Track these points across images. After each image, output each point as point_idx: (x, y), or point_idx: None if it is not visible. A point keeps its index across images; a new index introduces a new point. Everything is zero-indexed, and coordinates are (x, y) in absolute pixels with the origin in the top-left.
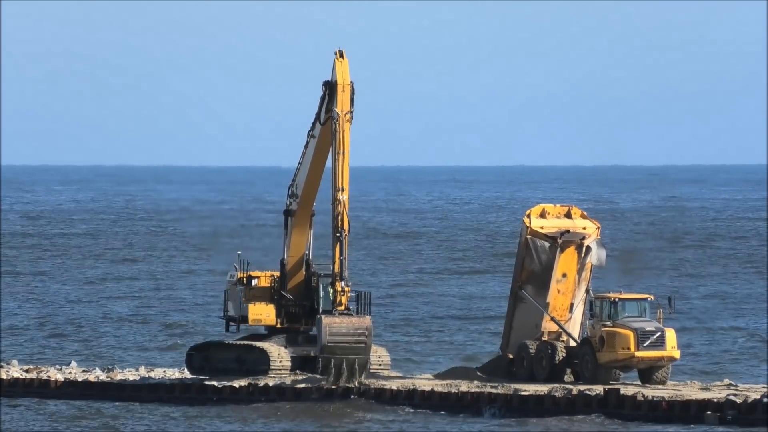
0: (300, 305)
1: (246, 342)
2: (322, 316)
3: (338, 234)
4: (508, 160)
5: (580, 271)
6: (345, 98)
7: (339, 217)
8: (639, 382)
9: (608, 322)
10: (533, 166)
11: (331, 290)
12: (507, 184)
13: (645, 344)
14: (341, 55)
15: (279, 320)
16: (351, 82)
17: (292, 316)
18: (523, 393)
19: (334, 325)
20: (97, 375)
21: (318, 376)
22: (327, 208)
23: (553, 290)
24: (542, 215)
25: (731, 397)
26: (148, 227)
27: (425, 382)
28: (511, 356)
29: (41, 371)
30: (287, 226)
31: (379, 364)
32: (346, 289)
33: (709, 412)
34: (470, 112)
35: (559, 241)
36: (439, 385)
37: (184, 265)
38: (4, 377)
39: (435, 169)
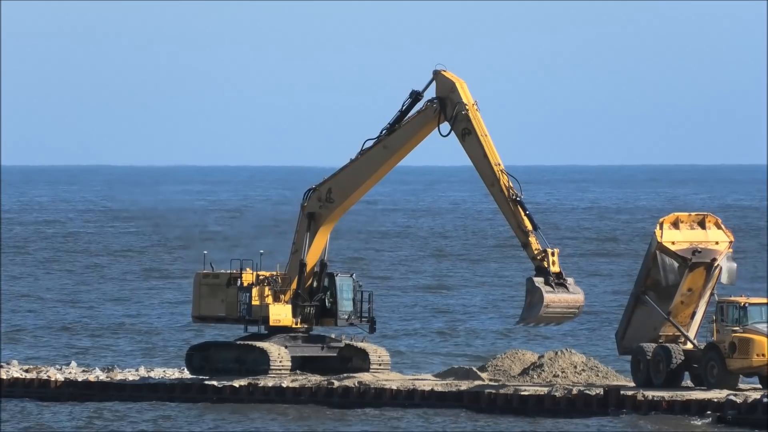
0: (312, 305)
1: (246, 342)
2: (543, 290)
3: (514, 196)
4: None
5: (705, 284)
6: (466, 92)
7: (507, 186)
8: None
9: (737, 328)
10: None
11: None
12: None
13: None
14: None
15: (295, 320)
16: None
17: (305, 316)
18: (523, 393)
19: (553, 304)
20: (97, 375)
21: (318, 376)
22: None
23: (677, 302)
24: (675, 224)
25: (731, 397)
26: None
27: (425, 382)
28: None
29: (41, 371)
30: (309, 228)
31: (379, 364)
32: (556, 250)
33: (709, 412)
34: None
35: (689, 262)
36: (439, 385)
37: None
38: (4, 377)
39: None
